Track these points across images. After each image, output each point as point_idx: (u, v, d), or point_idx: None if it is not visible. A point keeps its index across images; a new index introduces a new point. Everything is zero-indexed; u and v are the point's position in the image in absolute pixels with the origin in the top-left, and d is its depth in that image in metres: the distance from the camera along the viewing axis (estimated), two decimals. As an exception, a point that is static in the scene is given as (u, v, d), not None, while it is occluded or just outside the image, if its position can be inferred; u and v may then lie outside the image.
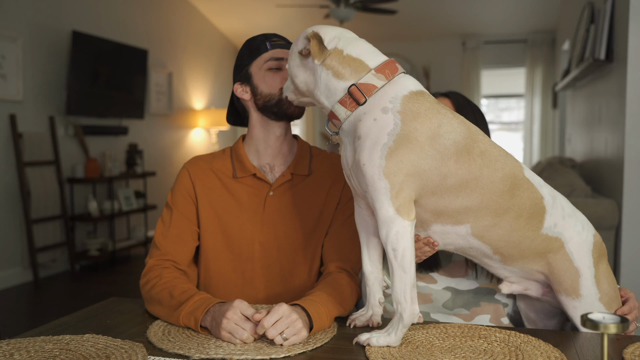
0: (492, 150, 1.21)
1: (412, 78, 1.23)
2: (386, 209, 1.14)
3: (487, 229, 1.22)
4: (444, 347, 1.16)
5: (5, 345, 1.17)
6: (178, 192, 1.54)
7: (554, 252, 1.26)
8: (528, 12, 6.97)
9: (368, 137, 1.16)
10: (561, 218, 1.26)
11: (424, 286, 1.52)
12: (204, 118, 7.50)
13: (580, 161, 4.51)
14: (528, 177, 1.25)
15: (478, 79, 7.77)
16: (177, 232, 1.51)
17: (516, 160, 1.27)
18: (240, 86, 1.54)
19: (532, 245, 1.25)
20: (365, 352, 1.14)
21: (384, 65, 1.20)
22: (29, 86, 4.96)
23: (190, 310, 1.27)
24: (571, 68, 4.37)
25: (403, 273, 1.15)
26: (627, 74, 2.89)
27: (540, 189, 1.26)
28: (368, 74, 1.19)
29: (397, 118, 1.15)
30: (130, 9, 6.27)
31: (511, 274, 1.32)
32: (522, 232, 1.23)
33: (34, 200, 4.86)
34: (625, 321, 0.85)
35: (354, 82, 1.19)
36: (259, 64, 1.51)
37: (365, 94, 1.18)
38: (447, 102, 1.52)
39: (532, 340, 1.17)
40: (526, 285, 1.34)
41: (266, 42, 1.52)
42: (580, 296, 1.26)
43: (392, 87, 1.18)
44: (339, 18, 6.08)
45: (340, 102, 1.20)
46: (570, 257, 1.26)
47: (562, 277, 1.26)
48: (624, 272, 2.94)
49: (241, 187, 1.53)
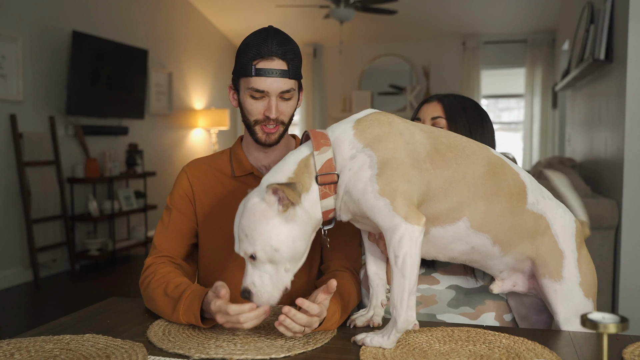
0: (457, 140, 1.25)
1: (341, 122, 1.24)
2: (390, 219, 1.14)
3: (483, 215, 1.24)
4: (441, 351, 1.15)
5: (5, 345, 1.17)
6: (176, 194, 1.55)
7: (541, 233, 1.29)
8: (528, 12, 6.97)
9: (355, 183, 1.17)
10: (541, 197, 1.31)
11: (427, 288, 1.51)
12: (204, 118, 7.50)
13: (580, 161, 4.51)
14: (499, 156, 1.29)
15: (478, 79, 7.77)
16: (174, 229, 1.52)
17: (481, 143, 1.30)
18: (231, 91, 1.52)
19: (523, 222, 1.27)
20: (359, 352, 1.14)
21: (315, 144, 1.19)
22: (29, 86, 4.96)
23: (186, 307, 1.28)
24: (571, 68, 4.37)
25: (402, 279, 1.14)
26: (627, 74, 2.89)
27: (512, 165, 1.30)
28: (313, 161, 1.19)
29: (367, 151, 1.17)
30: (130, 9, 6.27)
31: (505, 267, 1.35)
32: (512, 210, 1.26)
33: (34, 200, 4.86)
34: (625, 321, 0.85)
35: (315, 176, 1.18)
36: (244, 84, 1.44)
37: (332, 170, 1.18)
38: (438, 107, 1.51)
39: (537, 347, 1.15)
40: (514, 279, 1.37)
41: (252, 64, 1.40)
42: (562, 278, 1.29)
43: (338, 142, 1.20)
44: (338, 18, 6.09)
45: (322, 199, 1.18)
46: (556, 238, 1.30)
47: (548, 258, 1.29)
48: (624, 272, 2.94)
49: (240, 186, 1.53)
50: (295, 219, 1.15)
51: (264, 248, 1.14)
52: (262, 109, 1.43)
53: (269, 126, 1.44)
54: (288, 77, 1.41)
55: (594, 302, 1.33)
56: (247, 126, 1.49)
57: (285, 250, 1.14)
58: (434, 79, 7.98)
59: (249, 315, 1.17)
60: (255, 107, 1.43)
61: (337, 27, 7.29)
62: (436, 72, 7.98)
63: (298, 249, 1.16)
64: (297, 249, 1.16)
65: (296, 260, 1.18)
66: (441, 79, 7.95)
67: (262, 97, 1.42)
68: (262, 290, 1.16)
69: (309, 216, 1.17)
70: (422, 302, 1.51)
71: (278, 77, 1.40)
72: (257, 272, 1.16)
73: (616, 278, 3.01)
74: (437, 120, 1.50)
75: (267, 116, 1.43)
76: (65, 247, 5.29)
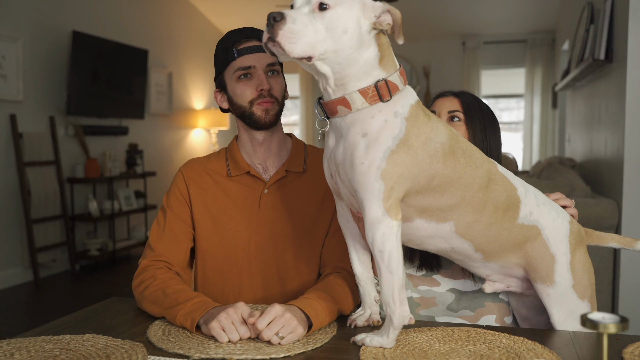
0: (472, 149, 1.25)
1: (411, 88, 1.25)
2: (375, 210, 1.12)
3: (469, 225, 1.23)
4: (441, 351, 1.14)
5: (5, 345, 1.17)
6: (173, 195, 1.54)
7: (531, 240, 1.28)
8: (528, 12, 6.97)
9: (376, 137, 1.13)
10: (535, 206, 1.29)
11: (427, 290, 1.51)
12: (204, 118, 7.50)
13: (580, 161, 4.51)
14: (502, 172, 1.28)
15: (478, 79, 7.77)
16: (171, 233, 1.50)
17: (490, 158, 1.31)
18: (219, 94, 1.53)
19: (510, 236, 1.27)
20: (359, 352, 1.14)
21: (402, 69, 1.20)
22: (29, 86, 4.96)
23: (188, 311, 1.26)
24: (571, 68, 4.37)
25: (390, 275, 1.13)
26: (627, 74, 2.89)
27: (513, 181, 1.29)
28: (395, 73, 1.17)
29: (403, 124, 1.14)
30: (130, 9, 6.27)
31: (492, 272, 1.34)
32: (499, 224, 1.25)
33: (34, 200, 4.86)
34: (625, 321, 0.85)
35: (384, 77, 1.15)
36: (229, 73, 1.49)
37: (392, 92, 1.15)
38: (455, 101, 1.51)
39: (537, 347, 1.14)
40: (508, 282, 1.37)
41: (233, 48, 1.47)
42: (554, 282, 1.28)
43: (404, 92, 1.18)
44: (339, 18, 6.08)
45: (360, 92, 1.13)
46: (547, 243, 1.29)
47: (539, 264, 1.29)
48: (624, 272, 2.94)
49: (236, 186, 1.53)
50: (366, 42, 1.13)
51: None
52: (254, 87, 1.46)
53: (265, 101, 1.46)
54: (260, 52, 1.46)
55: (590, 302, 1.32)
56: (242, 114, 1.49)
57: None
58: (434, 79, 7.98)
59: (263, 321, 1.16)
60: (247, 88, 1.46)
61: (337, 27, 7.29)
62: (436, 72, 7.98)
63: None
64: None
65: None
66: (441, 79, 7.95)
67: (250, 76, 1.46)
68: (299, 28, 1.05)
69: (368, 61, 1.14)
70: (422, 304, 1.51)
71: (261, 53, 1.45)
72: (307, 16, 1.07)
73: (616, 278, 3.01)
74: (455, 114, 1.49)
75: (261, 90, 1.46)
76: (65, 247, 5.29)
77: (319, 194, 1.53)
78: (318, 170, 1.54)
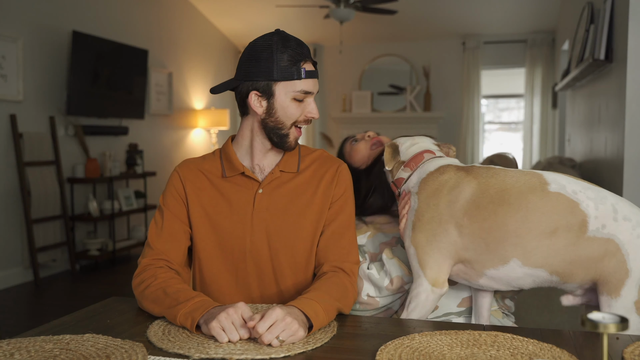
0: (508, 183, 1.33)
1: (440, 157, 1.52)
2: (416, 269, 1.40)
3: (532, 253, 1.29)
4: (461, 355, 1.10)
5: (5, 345, 1.17)
6: (169, 194, 1.54)
7: (609, 256, 1.28)
8: (528, 12, 6.97)
9: None
10: (612, 220, 1.28)
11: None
12: (204, 118, 7.50)
13: (580, 161, 4.51)
14: (556, 192, 1.29)
15: (478, 79, 7.77)
16: (169, 231, 1.50)
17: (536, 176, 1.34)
18: (257, 97, 1.45)
19: (584, 253, 1.28)
20: (375, 356, 1.11)
21: (412, 158, 1.53)
22: (29, 86, 4.96)
23: (189, 310, 1.26)
24: (571, 68, 4.37)
25: (406, 315, 1.41)
26: (627, 74, 2.89)
27: (575, 196, 1.30)
28: (400, 169, 1.55)
29: (415, 198, 1.44)
30: (130, 9, 6.27)
31: (574, 289, 1.36)
32: (567, 242, 1.28)
33: (34, 200, 4.86)
34: (625, 321, 0.85)
35: (392, 180, 1.58)
36: (287, 88, 1.43)
37: (397, 186, 1.55)
38: None
39: (564, 355, 1.09)
40: (589, 296, 1.37)
41: (302, 67, 1.42)
42: (620, 296, 1.27)
43: (416, 174, 1.50)
44: (338, 18, 6.08)
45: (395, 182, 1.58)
46: (626, 258, 1.27)
47: (611, 277, 1.28)
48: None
49: (231, 187, 1.52)
50: None
51: None
52: (304, 111, 1.46)
53: (301, 128, 1.50)
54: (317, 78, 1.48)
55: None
56: (275, 130, 1.47)
57: None
58: (434, 79, 7.98)
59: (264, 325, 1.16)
60: (298, 110, 1.46)
61: (337, 27, 7.29)
62: (436, 72, 7.98)
63: None
64: None
65: None
66: (441, 79, 7.95)
67: (303, 100, 1.45)
68: None
69: None
70: None
71: (316, 79, 1.47)
72: None
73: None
74: None
75: (311, 117, 1.47)
76: (65, 247, 5.29)
77: (314, 194, 1.53)
78: (311, 171, 1.55)
